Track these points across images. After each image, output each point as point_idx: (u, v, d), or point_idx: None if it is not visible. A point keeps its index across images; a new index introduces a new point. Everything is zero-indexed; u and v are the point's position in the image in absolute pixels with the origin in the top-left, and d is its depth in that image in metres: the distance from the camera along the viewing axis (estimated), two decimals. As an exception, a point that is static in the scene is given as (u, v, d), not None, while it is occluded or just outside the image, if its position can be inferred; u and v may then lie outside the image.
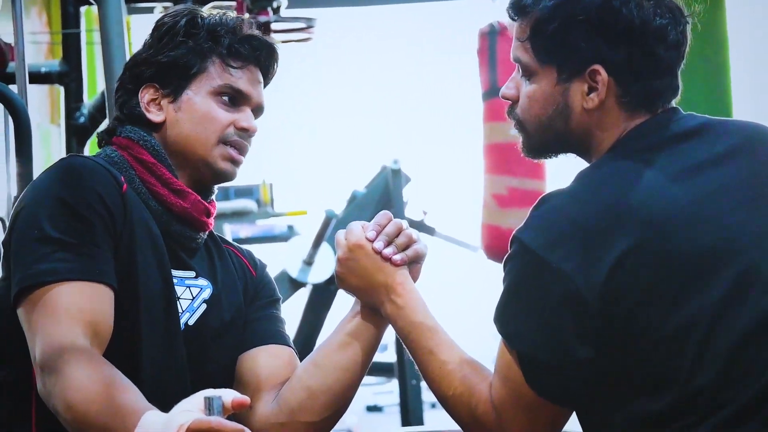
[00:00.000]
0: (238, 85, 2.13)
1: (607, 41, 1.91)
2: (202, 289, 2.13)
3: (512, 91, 2.02)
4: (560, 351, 1.86)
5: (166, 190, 2.09)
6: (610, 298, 1.83)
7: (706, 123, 1.98)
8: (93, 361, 1.87)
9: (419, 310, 2.09)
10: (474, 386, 1.98)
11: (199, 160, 2.12)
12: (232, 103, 2.13)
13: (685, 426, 1.83)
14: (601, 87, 1.94)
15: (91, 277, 1.94)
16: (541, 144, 2.02)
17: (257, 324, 2.20)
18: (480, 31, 6.79)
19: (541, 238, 1.87)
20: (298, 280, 6.61)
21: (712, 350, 1.82)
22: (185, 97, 2.12)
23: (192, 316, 2.10)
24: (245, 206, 8.47)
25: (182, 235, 2.11)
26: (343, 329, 2.16)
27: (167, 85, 2.13)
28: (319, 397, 2.12)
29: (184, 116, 2.12)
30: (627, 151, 1.94)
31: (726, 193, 1.90)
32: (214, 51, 2.13)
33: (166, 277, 2.06)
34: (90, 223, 1.97)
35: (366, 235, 2.12)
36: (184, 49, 2.12)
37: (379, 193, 6.67)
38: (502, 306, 1.92)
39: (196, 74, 2.12)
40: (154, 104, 2.13)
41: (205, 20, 2.14)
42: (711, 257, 1.84)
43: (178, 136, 2.12)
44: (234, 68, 2.13)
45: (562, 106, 1.97)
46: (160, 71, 2.13)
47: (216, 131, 2.11)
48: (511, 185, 6.66)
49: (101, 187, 2.00)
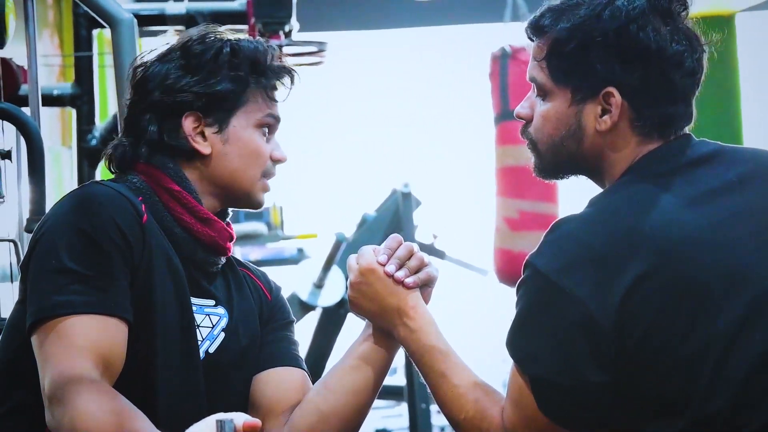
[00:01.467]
0: (278, 113, 2.16)
1: (623, 64, 1.92)
2: (221, 317, 2.14)
3: (526, 110, 2.03)
4: (573, 376, 1.85)
5: (192, 219, 2.09)
6: (623, 323, 1.82)
7: (719, 150, 1.98)
8: (102, 392, 1.88)
9: (432, 334, 2.09)
10: (486, 410, 1.97)
11: (241, 192, 2.13)
12: (268, 131, 2.15)
13: (695, 451, 1.82)
14: (615, 110, 1.94)
15: (106, 311, 1.95)
16: (553, 165, 2.03)
17: (270, 346, 2.20)
18: (492, 54, 6.80)
19: (555, 264, 1.87)
20: (309, 303, 6.61)
21: (725, 376, 1.82)
22: (231, 128, 2.12)
23: (212, 344, 2.11)
24: (255, 229, 8.48)
25: (206, 261, 2.12)
26: (354, 352, 2.16)
27: (211, 115, 2.11)
28: (330, 420, 2.12)
29: (232, 149, 2.12)
30: (640, 176, 1.94)
31: (739, 220, 1.90)
32: (258, 83, 2.13)
33: (185, 305, 2.06)
34: (108, 254, 1.97)
35: (377, 258, 2.12)
36: (228, 80, 2.11)
37: (390, 216, 6.67)
38: (514, 330, 1.92)
39: (241, 105, 2.12)
40: (198, 134, 2.12)
41: (245, 49, 2.13)
42: (724, 283, 1.84)
43: (225, 169, 2.12)
44: (273, 100, 2.15)
45: (574, 128, 1.97)
46: (204, 101, 2.10)
47: (261, 165, 2.13)
48: (523, 208, 6.66)
49: (120, 218, 2.00)
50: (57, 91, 5.38)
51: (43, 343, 1.93)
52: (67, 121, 6.64)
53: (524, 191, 6.60)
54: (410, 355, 2.11)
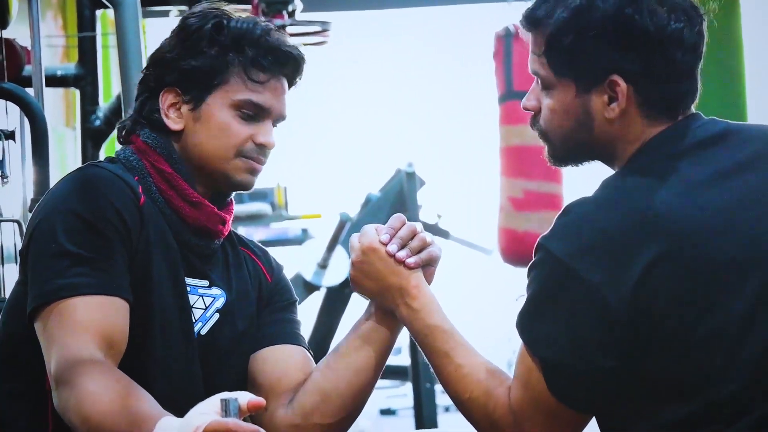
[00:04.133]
0: (259, 100, 2.10)
1: (623, 51, 1.91)
2: (215, 298, 2.13)
3: (533, 102, 2.02)
4: (584, 359, 1.85)
5: (182, 203, 2.08)
6: (637, 306, 1.82)
7: (728, 128, 1.97)
8: (107, 372, 1.89)
9: (434, 313, 2.09)
10: (491, 390, 1.97)
11: (216, 171, 2.10)
12: (252, 116, 2.10)
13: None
14: (621, 97, 1.93)
15: (107, 291, 1.96)
16: (566, 153, 2.02)
17: (271, 326, 2.20)
18: (496, 34, 6.79)
19: (568, 247, 1.87)
20: (313, 283, 6.61)
21: (740, 358, 1.81)
22: (205, 106, 2.09)
23: (204, 325, 2.11)
24: (260, 209, 8.47)
25: (198, 244, 2.11)
26: (357, 332, 2.16)
27: (188, 92, 2.10)
28: (333, 399, 2.12)
29: (202, 127, 2.09)
30: (651, 159, 1.93)
31: (751, 201, 1.89)
32: (237, 63, 2.09)
33: (180, 286, 2.07)
34: (106, 237, 1.98)
35: (380, 238, 2.12)
36: (207, 57, 2.08)
37: (394, 196, 6.67)
38: (526, 313, 1.92)
39: (218, 84, 2.09)
40: (173, 109, 2.10)
41: (232, 27, 2.10)
42: (738, 266, 1.84)
43: (194, 146, 2.10)
44: (256, 82, 2.10)
45: (583, 118, 1.96)
46: (182, 77, 2.09)
47: (233, 146, 2.09)
48: (528, 188, 6.65)
49: (118, 201, 2.01)
50: (60, 72, 5.38)
51: (47, 327, 1.94)
52: (71, 102, 6.64)
53: (529, 171, 6.59)
54: (413, 335, 2.10)
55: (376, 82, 11.30)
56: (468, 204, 9.67)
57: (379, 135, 11.04)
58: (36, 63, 3.54)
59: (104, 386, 1.85)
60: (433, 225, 7.38)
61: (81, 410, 1.85)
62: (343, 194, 9.43)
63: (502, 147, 6.83)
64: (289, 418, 2.12)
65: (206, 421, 1.67)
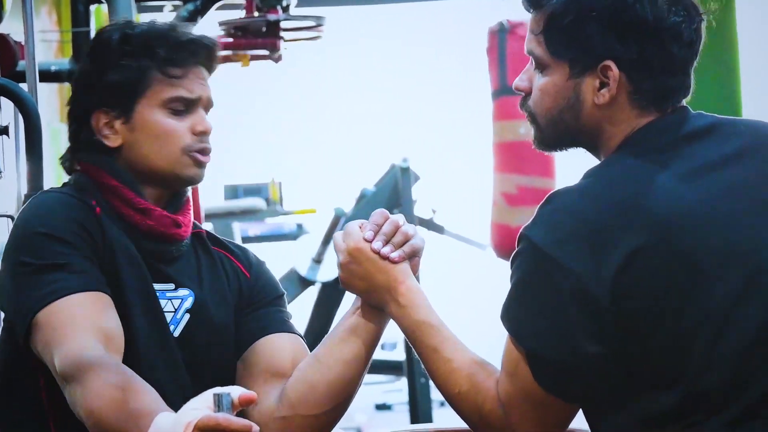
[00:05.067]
0: (184, 93, 2.13)
1: (620, 37, 1.91)
2: (183, 299, 2.15)
3: (525, 83, 2.02)
4: (569, 348, 1.86)
5: (130, 211, 2.12)
6: (619, 295, 1.83)
7: (716, 122, 1.98)
8: (108, 367, 1.92)
9: (422, 308, 2.09)
10: (480, 384, 1.98)
11: (166, 173, 2.14)
12: (183, 110, 2.14)
13: (691, 423, 1.83)
14: (612, 83, 1.93)
15: (90, 287, 2.00)
16: (552, 137, 2.02)
17: (259, 320, 2.21)
18: (489, 29, 6.79)
19: (550, 236, 1.87)
20: (308, 279, 6.61)
21: (720, 350, 1.82)
22: (137, 115, 2.13)
23: (177, 327, 2.13)
24: (254, 205, 8.47)
25: (156, 250, 2.14)
26: (344, 324, 2.16)
27: (116, 107, 2.13)
28: (319, 390, 2.12)
29: (141, 136, 2.13)
30: (637, 150, 1.94)
31: (736, 194, 1.90)
32: (153, 65, 2.12)
33: (149, 291, 2.10)
34: (73, 244, 2.02)
35: (364, 236, 2.12)
36: (123, 69, 2.12)
37: (388, 191, 6.68)
38: (509, 303, 1.93)
39: (142, 91, 2.13)
40: (107, 128, 2.14)
41: (137, 34, 2.14)
42: (719, 259, 1.84)
43: (139, 156, 2.13)
44: (176, 78, 2.13)
45: (573, 101, 1.97)
46: (105, 94, 2.13)
47: (176, 143, 2.13)
48: (521, 183, 6.66)
49: (75, 214, 2.06)
50: (55, 67, 5.37)
51: (42, 336, 1.98)
52: (65, 97, 6.63)
53: (522, 166, 6.60)
54: (403, 332, 2.10)
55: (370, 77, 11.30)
56: (463, 199, 9.67)
57: (374, 130, 11.05)
58: (30, 58, 3.53)
59: (105, 381, 1.89)
60: (427, 220, 7.40)
61: (85, 405, 1.89)
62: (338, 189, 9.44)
63: (495, 142, 6.83)
64: (277, 411, 2.12)
65: (197, 417, 1.67)
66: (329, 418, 2.14)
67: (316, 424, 2.13)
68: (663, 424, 1.84)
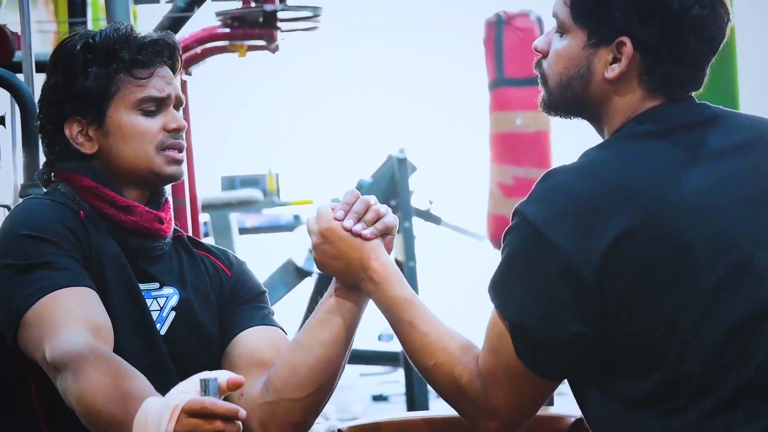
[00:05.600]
0: (153, 93, 2.17)
1: (641, 18, 1.93)
2: (168, 297, 2.18)
3: (543, 44, 2.05)
4: (553, 325, 1.87)
5: (113, 210, 2.15)
6: (606, 276, 1.84)
7: (718, 114, 1.99)
8: (98, 354, 1.94)
9: (395, 284, 2.10)
10: (457, 357, 1.99)
11: (146, 173, 2.17)
12: (154, 110, 2.17)
13: (670, 410, 1.84)
14: (625, 60, 1.95)
15: (76, 283, 2.03)
16: (559, 102, 2.04)
17: (240, 315, 2.24)
18: (486, 20, 6.80)
19: (543, 213, 1.89)
20: (304, 269, 6.62)
21: (700, 338, 1.83)
22: (109, 120, 2.16)
23: (163, 325, 2.16)
24: (251, 196, 8.48)
25: (141, 247, 2.17)
26: (322, 307, 2.18)
27: (87, 114, 2.16)
28: (301, 373, 2.14)
29: (115, 139, 2.16)
30: (636, 133, 1.95)
31: (729, 186, 1.90)
32: (119, 69, 2.16)
33: (134, 290, 2.12)
34: (56, 243, 2.05)
35: (335, 215, 2.14)
36: (90, 77, 2.15)
37: (385, 182, 6.69)
38: (498, 276, 1.94)
39: (111, 96, 2.16)
40: (81, 136, 2.17)
41: (99, 41, 2.17)
42: (708, 247, 1.85)
43: (116, 159, 2.17)
44: (143, 79, 2.17)
45: (584, 70, 1.98)
46: (76, 103, 2.16)
47: (151, 142, 2.16)
48: (517, 175, 6.67)
49: (60, 216, 2.09)
50: (51, 58, 5.36)
51: (32, 331, 2.00)
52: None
53: (518, 157, 6.61)
54: (379, 308, 2.12)
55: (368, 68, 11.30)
56: (459, 190, 9.68)
57: (371, 121, 11.05)
58: (26, 49, 3.52)
59: (95, 367, 1.91)
60: (424, 211, 7.40)
61: (75, 392, 1.91)
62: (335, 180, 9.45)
63: (491, 133, 6.84)
64: (262, 397, 2.14)
65: (184, 400, 1.70)
66: (314, 401, 2.15)
67: (301, 407, 2.14)
68: (642, 408, 1.86)
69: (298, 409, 2.14)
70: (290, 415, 2.14)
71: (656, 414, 1.85)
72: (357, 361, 7.23)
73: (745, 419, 1.82)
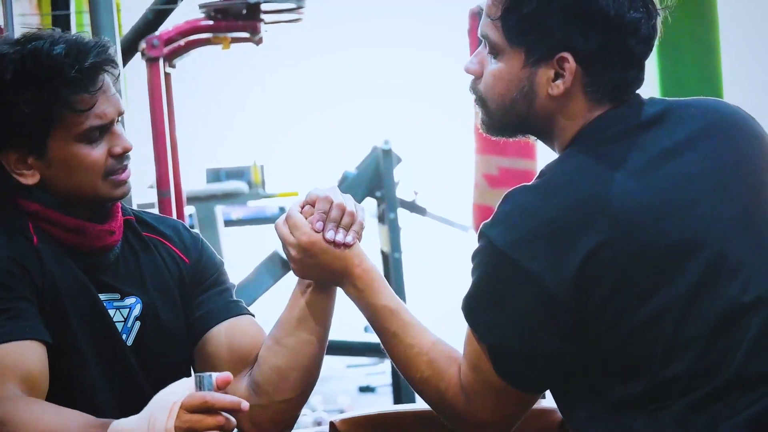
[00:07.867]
0: (98, 121, 2.04)
1: (581, 30, 1.90)
2: (131, 308, 2.14)
3: (476, 66, 2.01)
4: (531, 344, 1.86)
5: (64, 233, 2.08)
6: (579, 293, 1.83)
7: (668, 107, 1.97)
8: (27, 402, 1.91)
9: (379, 292, 2.08)
10: (443, 370, 1.98)
11: (92, 199, 2.09)
12: (98, 136, 2.06)
13: (655, 409, 1.84)
14: (568, 75, 1.92)
15: (20, 337, 1.97)
16: (502, 123, 2.02)
17: (207, 304, 2.19)
18: (470, 11, 6.79)
19: (508, 237, 1.86)
20: (290, 261, 6.58)
21: (683, 339, 1.83)
22: (51, 151, 2.05)
23: (129, 336, 2.12)
24: (236, 188, 8.46)
25: (95, 262, 2.11)
26: (298, 304, 2.15)
27: (24, 145, 2.03)
28: (290, 375, 2.13)
29: (59, 170, 2.06)
30: (590, 144, 1.93)
31: (691, 182, 1.89)
32: (57, 102, 2.01)
33: (96, 306, 2.08)
34: (8, 286, 1.99)
35: (314, 227, 2.08)
36: (24, 106, 2.02)
37: (370, 173, 6.68)
38: (470, 300, 1.92)
39: (51, 127, 2.03)
40: (21, 166, 2.07)
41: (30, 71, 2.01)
42: (678, 249, 1.85)
43: (59, 188, 2.07)
44: (86, 110, 2.03)
45: (526, 90, 1.95)
46: (9, 135, 2.04)
47: (97, 172, 2.06)
48: (502, 165, 6.66)
49: (11, 250, 2.02)
50: (34, 51, 5.35)
51: None
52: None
53: (503, 148, 6.59)
54: (363, 315, 2.11)
55: (352, 60, 11.29)
56: (445, 181, 9.69)
57: (356, 113, 11.05)
58: (9, 42, 3.51)
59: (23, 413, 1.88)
60: (410, 202, 7.40)
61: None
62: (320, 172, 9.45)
63: (476, 124, 6.83)
64: (253, 400, 2.12)
65: (183, 395, 1.68)
66: (304, 396, 2.18)
67: (293, 405, 2.16)
68: (628, 410, 1.86)
69: (291, 407, 2.16)
70: (284, 413, 2.16)
71: (643, 412, 1.85)
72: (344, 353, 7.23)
73: (730, 411, 1.82)
